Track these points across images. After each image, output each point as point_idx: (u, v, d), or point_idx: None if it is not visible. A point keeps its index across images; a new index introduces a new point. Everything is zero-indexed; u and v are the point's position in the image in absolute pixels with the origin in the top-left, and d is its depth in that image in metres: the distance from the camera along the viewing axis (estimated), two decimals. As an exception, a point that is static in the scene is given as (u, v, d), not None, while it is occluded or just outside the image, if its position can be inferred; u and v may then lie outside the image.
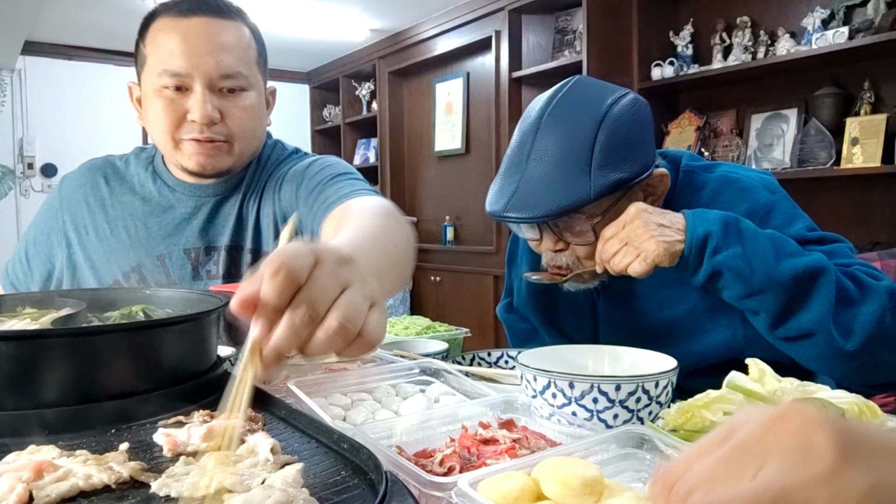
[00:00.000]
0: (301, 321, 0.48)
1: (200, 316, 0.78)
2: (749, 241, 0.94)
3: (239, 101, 1.16)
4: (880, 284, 0.95)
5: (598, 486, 0.51)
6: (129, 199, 1.27)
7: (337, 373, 0.94)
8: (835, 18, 2.78)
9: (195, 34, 1.11)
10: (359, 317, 0.51)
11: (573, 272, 1.09)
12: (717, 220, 0.95)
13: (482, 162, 4.41)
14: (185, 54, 1.10)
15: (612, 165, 0.99)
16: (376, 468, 0.54)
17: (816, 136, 2.84)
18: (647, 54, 3.31)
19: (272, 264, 0.48)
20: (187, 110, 1.12)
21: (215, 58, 1.11)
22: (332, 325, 0.49)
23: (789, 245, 0.96)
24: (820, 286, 0.93)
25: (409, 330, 1.71)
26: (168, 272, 1.22)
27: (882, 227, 2.73)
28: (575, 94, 1.05)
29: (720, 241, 0.93)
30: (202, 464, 0.57)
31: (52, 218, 1.30)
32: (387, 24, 4.73)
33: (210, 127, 1.13)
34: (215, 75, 1.12)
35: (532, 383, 0.82)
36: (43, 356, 0.65)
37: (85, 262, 1.26)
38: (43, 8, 4.08)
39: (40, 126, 5.10)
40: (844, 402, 0.66)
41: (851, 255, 1.03)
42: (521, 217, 1.01)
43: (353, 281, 0.52)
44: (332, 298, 0.50)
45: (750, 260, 0.93)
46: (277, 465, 0.57)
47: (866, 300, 0.93)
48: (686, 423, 0.69)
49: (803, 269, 0.93)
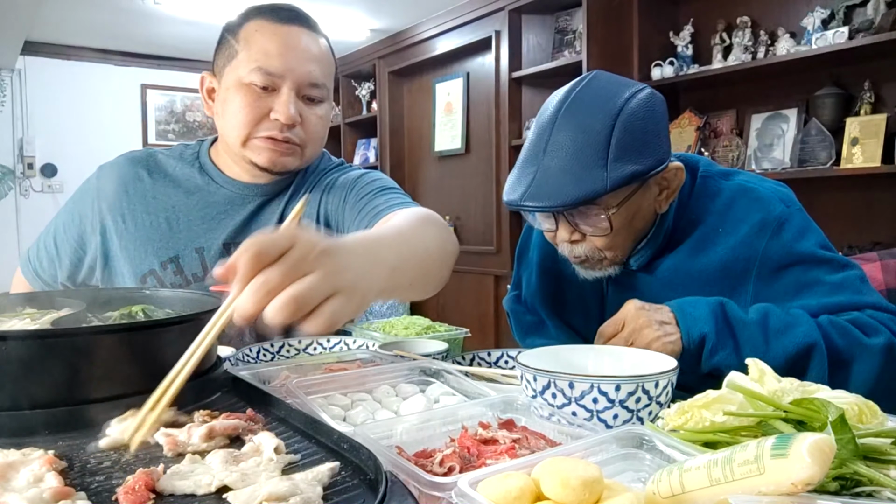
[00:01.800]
0: (258, 290, 0.58)
1: (200, 316, 0.78)
2: (740, 333, 0.96)
3: (316, 110, 1.24)
4: (875, 343, 0.95)
5: (597, 486, 0.51)
6: (172, 191, 1.30)
7: (337, 373, 0.94)
8: (835, 18, 2.78)
9: (294, 41, 1.19)
10: (311, 298, 0.60)
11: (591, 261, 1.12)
12: (709, 317, 0.96)
13: (482, 162, 4.41)
14: (283, 57, 1.17)
15: (627, 158, 1.01)
16: (376, 468, 0.54)
17: (816, 136, 2.83)
18: (647, 54, 3.31)
19: (248, 243, 0.59)
20: (271, 109, 1.18)
21: (308, 66, 1.19)
22: (283, 298, 0.58)
23: (776, 322, 0.97)
24: (812, 361, 0.95)
25: (409, 330, 1.71)
26: (205, 264, 1.25)
27: (882, 227, 2.73)
28: (592, 89, 1.07)
29: (716, 341, 0.95)
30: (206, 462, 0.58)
31: (87, 205, 1.32)
32: (387, 24, 4.73)
33: (290, 128, 1.20)
34: (304, 82, 1.19)
35: (532, 383, 0.82)
36: (43, 356, 0.65)
37: (120, 250, 1.28)
38: (43, 8, 4.08)
39: (40, 126, 5.10)
40: (844, 402, 0.66)
41: (861, 287, 1.03)
42: (538, 206, 1.02)
43: (320, 268, 0.61)
44: (292, 278, 0.59)
45: (743, 353, 0.94)
46: (280, 465, 0.57)
47: (859, 360, 0.95)
48: (686, 423, 0.69)
49: (794, 351, 0.95)
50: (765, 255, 1.06)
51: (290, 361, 1.11)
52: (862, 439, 0.58)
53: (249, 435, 0.64)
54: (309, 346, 1.23)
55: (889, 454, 0.58)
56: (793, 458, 0.46)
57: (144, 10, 4.26)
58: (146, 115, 5.54)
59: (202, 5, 4.13)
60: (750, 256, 1.06)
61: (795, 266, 1.05)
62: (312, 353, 1.22)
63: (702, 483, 0.50)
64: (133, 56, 5.38)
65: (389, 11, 4.45)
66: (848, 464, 0.55)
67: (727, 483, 0.49)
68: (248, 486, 0.52)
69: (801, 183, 2.78)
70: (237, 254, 0.59)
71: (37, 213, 4.95)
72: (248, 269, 0.59)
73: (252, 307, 0.58)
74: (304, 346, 1.22)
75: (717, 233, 1.09)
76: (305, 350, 1.22)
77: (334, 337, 1.25)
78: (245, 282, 0.59)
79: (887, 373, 0.94)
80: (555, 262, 1.25)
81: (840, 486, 0.55)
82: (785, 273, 1.05)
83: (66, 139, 5.12)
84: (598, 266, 1.13)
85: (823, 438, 0.48)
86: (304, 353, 1.22)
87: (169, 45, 5.06)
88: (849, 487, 0.55)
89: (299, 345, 1.22)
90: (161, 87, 5.50)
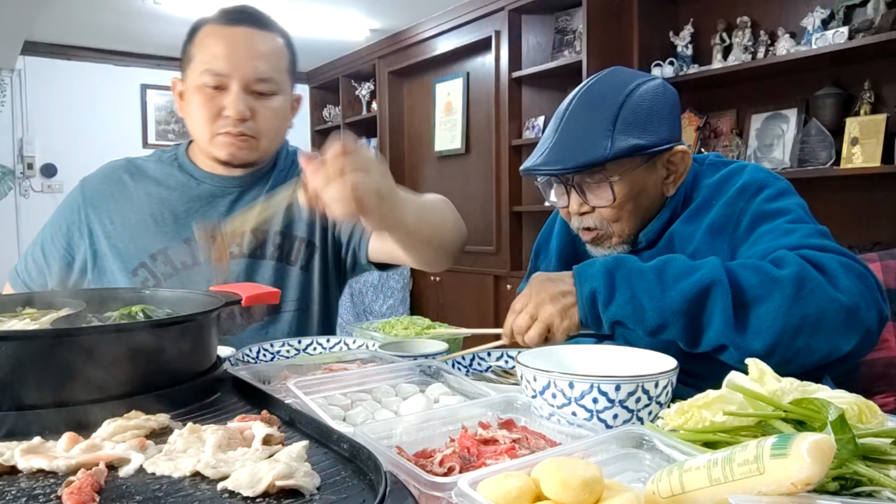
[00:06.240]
0: (330, 170, 0.84)
1: (200, 316, 0.78)
2: (636, 282, 0.96)
3: (268, 103, 1.30)
4: (784, 274, 0.93)
5: (597, 486, 0.51)
6: (154, 189, 1.38)
7: (337, 373, 0.94)
8: (835, 18, 2.77)
9: (237, 41, 1.26)
10: (364, 185, 0.85)
11: (601, 233, 1.17)
12: (600, 272, 0.98)
13: (482, 162, 4.41)
14: (228, 58, 1.25)
15: (631, 132, 1.09)
16: (376, 468, 0.54)
17: (816, 136, 2.83)
18: (647, 54, 3.31)
19: (337, 143, 0.86)
20: (223, 107, 1.26)
21: (253, 63, 1.26)
22: (344, 178, 0.84)
23: (675, 267, 0.96)
24: (714, 300, 0.93)
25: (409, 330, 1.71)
26: (194, 253, 1.32)
27: (882, 227, 2.73)
28: (609, 77, 1.17)
29: (607, 293, 0.97)
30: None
31: (73, 214, 1.38)
32: (387, 24, 4.73)
33: (242, 122, 1.27)
34: (251, 78, 1.26)
35: (532, 383, 0.82)
36: (43, 356, 0.65)
37: (109, 249, 1.34)
38: (43, 8, 4.07)
39: (40, 126, 5.10)
40: (844, 402, 0.66)
41: (812, 233, 1.01)
42: (548, 169, 1.12)
43: (375, 172, 0.88)
44: (355, 168, 0.85)
45: (640, 300, 0.95)
46: (266, 455, 0.58)
47: (770, 295, 0.92)
48: (686, 423, 0.69)
49: (691, 292, 0.93)
50: (741, 215, 1.09)
51: (290, 361, 1.10)
52: (862, 439, 0.58)
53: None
54: (309, 346, 1.23)
55: (889, 454, 0.58)
56: (793, 458, 0.46)
57: (144, 10, 4.26)
58: (146, 115, 5.54)
59: (202, 5, 4.13)
60: (730, 214, 1.10)
61: (764, 222, 1.07)
62: (312, 353, 1.22)
63: (702, 483, 0.50)
64: (133, 56, 5.38)
65: (389, 11, 4.45)
66: (848, 464, 0.55)
67: (727, 483, 0.49)
68: (219, 474, 0.55)
69: (801, 183, 2.76)
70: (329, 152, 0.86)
71: (37, 213, 4.94)
72: (330, 158, 0.85)
73: (322, 180, 0.85)
74: (304, 346, 1.22)
75: (711, 204, 1.13)
76: (305, 350, 1.22)
77: (334, 337, 1.25)
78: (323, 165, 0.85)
79: (802, 303, 0.91)
80: (574, 248, 1.31)
81: (840, 486, 0.55)
82: (755, 230, 1.07)
83: (66, 139, 5.11)
84: (606, 242, 1.18)
85: (823, 438, 0.48)
86: (304, 353, 1.22)
87: (169, 45, 5.05)
88: (849, 487, 0.55)
89: (299, 345, 1.22)
90: (161, 87, 5.49)
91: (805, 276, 0.92)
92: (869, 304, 0.93)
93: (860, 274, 0.94)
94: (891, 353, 1.38)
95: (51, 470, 0.56)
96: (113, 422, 0.63)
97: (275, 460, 0.55)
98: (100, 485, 0.53)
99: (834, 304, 0.91)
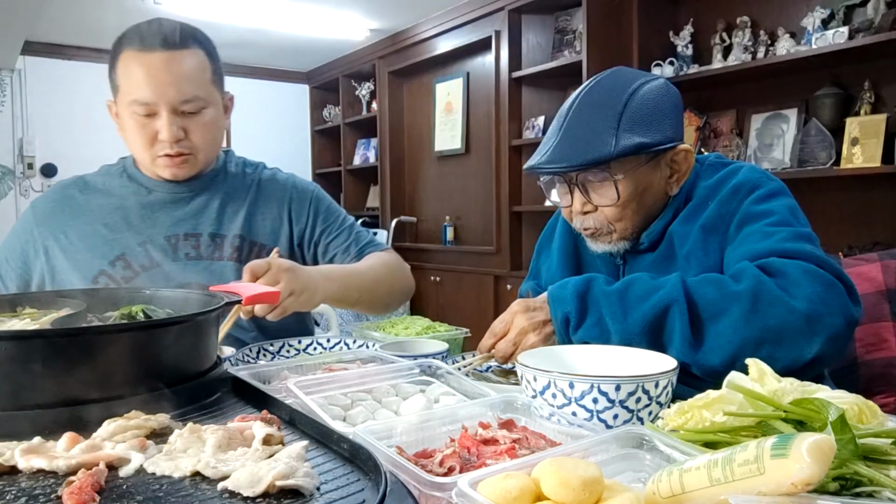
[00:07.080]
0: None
1: (200, 316, 0.78)
2: (602, 304, 1.00)
3: (199, 119, 1.33)
4: (740, 289, 0.94)
5: (597, 487, 0.51)
6: (105, 201, 1.41)
7: (337, 373, 0.94)
8: (835, 18, 2.77)
9: (157, 68, 1.27)
10: (281, 291, 1.12)
11: (602, 233, 1.18)
12: (572, 295, 1.02)
13: (482, 162, 4.41)
14: (151, 86, 1.27)
15: (635, 130, 1.09)
16: (376, 468, 0.54)
17: (816, 136, 2.83)
18: (647, 54, 3.31)
19: (249, 266, 1.15)
20: (157, 131, 1.30)
21: (176, 87, 1.28)
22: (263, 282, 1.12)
23: (638, 288, 1.00)
24: (672, 320, 0.95)
25: (409, 330, 1.71)
26: (151, 256, 1.36)
27: (882, 227, 2.73)
28: (612, 77, 1.17)
29: (577, 317, 1.02)
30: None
31: (27, 234, 1.40)
32: (386, 24, 4.73)
33: (178, 143, 1.32)
34: (177, 102, 1.29)
35: (532, 383, 0.82)
36: (43, 356, 0.65)
37: (66, 262, 1.36)
38: (43, 8, 4.07)
39: (40, 126, 5.10)
40: (844, 402, 0.66)
41: (788, 236, 1.01)
42: (552, 168, 1.12)
43: (284, 279, 1.15)
44: (270, 281, 1.13)
45: (605, 323, 1.00)
46: (266, 455, 0.58)
47: (728, 310, 0.93)
48: (686, 423, 0.69)
49: (651, 313, 0.96)
50: (732, 215, 1.10)
51: (290, 361, 1.11)
52: (862, 439, 0.58)
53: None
54: (309, 346, 1.23)
55: (889, 454, 0.58)
56: (793, 459, 0.46)
57: (144, 10, 4.26)
58: (146, 115, 5.53)
59: (202, 5, 4.13)
60: (723, 214, 1.11)
61: (749, 223, 1.07)
62: (312, 353, 1.22)
63: (702, 483, 0.50)
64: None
65: (389, 11, 4.45)
66: (848, 464, 0.55)
67: (727, 483, 0.49)
68: (219, 473, 0.55)
69: (801, 183, 2.78)
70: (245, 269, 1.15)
71: (37, 213, 4.94)
72: (248, 276, 1.13)
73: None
74: (304, 346, 1.22)
75: (706, 204, 1.14)
76: (305, 350, 1.22)
77: (334, 337, 1.25)
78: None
79: (759, 315, 0.92)
80: (576, 246, 1.31)
81: (840, 487, 0.55)
82: (741, 230, 1.08)
83: (66, 139, 5.11)
84: (606, 239, 1.18)
85: (823, 438, 0.48)
86: (304, 353, 1.22)
87: (169, 45, 5.05)
88: (849, 487, 0.55)
89: (299, 345, 1.22)
90: (161, 87, 5.49)
91: (761, 289, 0.94)
92: (833, 309, 0.92)
93: (825, 280, 0.94)
94: (891, 353, 1.38)
95: (51, 470, 0.56)
96: (113, 422, 0.63)
97: (275, 460, 0.55)
98: (100, 485, 0.53)
99: (792, 313, 0.92)
